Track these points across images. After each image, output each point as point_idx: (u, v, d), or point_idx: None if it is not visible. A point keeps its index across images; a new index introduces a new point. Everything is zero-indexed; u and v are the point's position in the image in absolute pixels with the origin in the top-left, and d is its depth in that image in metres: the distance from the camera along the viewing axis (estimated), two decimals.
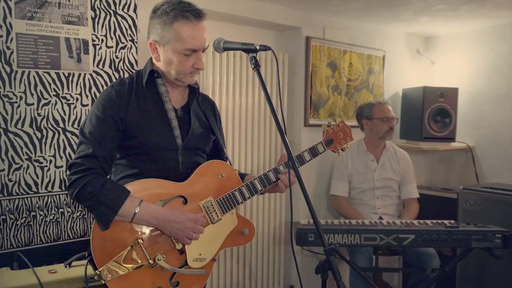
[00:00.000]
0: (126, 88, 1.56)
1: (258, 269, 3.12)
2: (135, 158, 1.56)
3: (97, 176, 1.43)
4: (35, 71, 2.07)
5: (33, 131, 2.08)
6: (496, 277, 2.84)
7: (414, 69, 3.90)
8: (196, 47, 1.51)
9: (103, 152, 1.47)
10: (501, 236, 2.41)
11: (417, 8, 3.04)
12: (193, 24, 1.50)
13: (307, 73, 3.17)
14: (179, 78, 1.55)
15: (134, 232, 1.47)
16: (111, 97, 1.52)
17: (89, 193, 1.40)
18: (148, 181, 1.52)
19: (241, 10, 2.83)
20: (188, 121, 1.64)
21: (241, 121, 2.95)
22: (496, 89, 3.49)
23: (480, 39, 3.57)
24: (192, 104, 1.66)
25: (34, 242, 2.09)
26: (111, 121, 1.49)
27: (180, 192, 1.56)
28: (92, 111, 1.53)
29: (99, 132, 1.47)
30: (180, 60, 1.51)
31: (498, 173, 3.46)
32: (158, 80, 1.59)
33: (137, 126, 1.53)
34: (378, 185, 3.03)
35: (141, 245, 1.46)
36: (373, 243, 2.42)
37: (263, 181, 1.67)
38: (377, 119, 3.02)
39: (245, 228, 1.67)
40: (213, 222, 1.58)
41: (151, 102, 1.58)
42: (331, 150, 1.89)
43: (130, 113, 1.52)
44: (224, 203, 1.60)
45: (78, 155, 1.46)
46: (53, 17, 2.11)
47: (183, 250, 1.52)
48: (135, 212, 1.43)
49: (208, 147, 1.73)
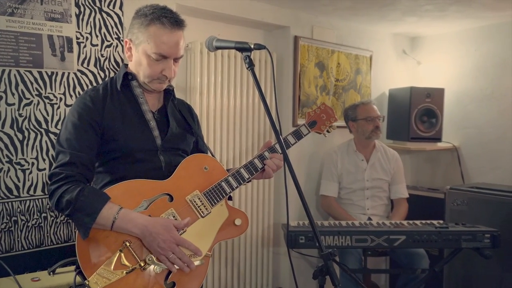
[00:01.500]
0: (100, 94, 1.54)
1: (247, 271, 3.07)
2: (115, 163, 1.52)
3: (75, 183, 1.39)
4: (16, 70, 1.98)
5: (14, 133, 1.99)
6: (483, 276, 2.86)
7: (400, 69, 3.91)
8: (166, 53, 1.49)
9: (82, 158, 1.43)
10: (490, 236, 2.41)
11: (406, 8, 3.04)
12: (168, 31, 1.48)
13: (296, 73, 3.14)
14: (146, 82, 1.53)
15: (120, 235, 1.40)
16: (86, 103, 1.49)
17: (67, 201, 1.36)
18: (130, 182, 1.46)
19: (229, 8, 2.78)
20: (165, 123, 1.62)
21: (229, 121, 2.90)
22: (481, 90, 3.52)
23: (466, 40, 3.60)
24: (168, 106, 1.64)
25: (16, 248, 2.00)
26: (87, 126, 1.46)
27: (164, 189, 1.50)
28: (68, 119, 1.49)
29: (75, 138, 1.44)
30: (149, 63, 1.49)
31: (483, 173, 3.50)
32: (132, 82, 1.57)
33: (115, 129, 1.50)
34: (368, 185, 3.02)
35: (129, 247, 1.39)
36: (364, 245, 2.40)
37: (249, 168, 1.63)
38: (362, 119, 3.01)
39: (238, 219, 1.61)
40: (203, 216, 1.53)
41: (127, 105, 1.56)
42: (316, 132, 1.88)
43: (107, 117, 1.50)
44: (212, 195, 1.56)
45: (56, 165, 1.43)
46: (35, 13, 2.02)
47: None
48: (114, 220, 1.37)
49: (189, 148, 1.70)
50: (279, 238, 3.23)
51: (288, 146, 1.74)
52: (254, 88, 3.02)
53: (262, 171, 1.66)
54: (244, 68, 2.95)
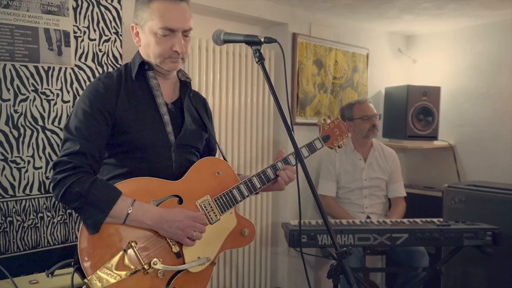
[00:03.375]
0: (114, 81, 1.45)
1: (245, 271, 3.03)
2: (124, 156, 1.45)
3: (85, 175, 1.32)
4: (11, 64, 1.90)
5: (9, 130, 1.91)
6: (480, 274, 2.87)
7: (396, 67, 3.91)
8: (173, 26, 1.41)
9: (91, 149, 1.36)
10: (491, 233, 2.42)
11: (404, 6, 3.03)
12: (172, 3, 1.42)
13: (294, 70, 3.11)
14: (158, 63, 1.46)
15: (126, 234, 1.35)
16: (99, 89, 1.41)
17: (77, 193, 1.28)
18: (140, 180, 1.41)
19: (227, 4, 2.73)
20: (180, 117, 1.55)
21: (227, 118, 2.85)
22: (476, 88, 3.54)
23: (461, 38, 3.61)
24: (184, 100, 1.57)
25: (11, 250, 1.92)
26: (99, 115, 1.38)
27: (174, 191, 1.45)
28: (78, 105, 1.41)
29: (86, 127, 1.36)
30: (157, 41, 1.42)
31: (479, 171, 3.51)
32: (149, 72, 1.50)
33: (127, 121, 1.42)
34: (366, 184, 3.01)
35: (134, 249, 1.34)
36: (366, 243, 2.38)
37: (262, 178, 1.60)
38: (358, 118, 3.00)
39: (245, 229, 1.58)
40: (211, 223, 1.48)
41: (142, 96, 1.48)
42: (329, 147, 1.87)
43: (120, 107, 1.42)
44: (222, 201, 1.52)
45: (63, 153, 1.34)
46: (31, 6, 1.94)
47: (180, 253, 1.42)
48: (128, 212, 1.32)
49: (201, 145, 1.64)
50: (277, 237, 3.19)
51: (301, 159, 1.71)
52: (254, 85, 2.97)
53: (273, 182, 1.63)
54: (244, 65, 2.90)
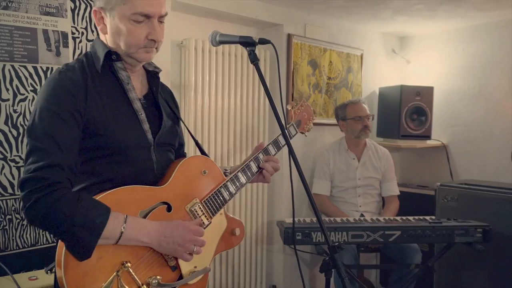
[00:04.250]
0: (79, 75, 1.24)
1: (241, 269, 3.07)
2: (99, 162, 1.25)
3: (66, 192, 1.11)
4: (11, 65, 1.94)
5: (8, 129, 1.95)
6: (472, 270, 2.92)
7: (390, 68, 3.96)
8: (149, 11, 1.24)
9: (67, 159, 1.15)
10: (482, 230, 2.47)
11: (397, 7, 3.08)
12: None
13: (289, 70, 3.15)
14: (130, 53, 1.27)
15: (118, 254, 1.19)
16: (65, 86, 1.20)
17: (61, 215, 1.08)
18: (123, 190, 1.23)
19: (223, 5, 2.77)
20: (154, 113, 1.39)
21: (223, 118, 2.90)
22: (468, 88, 3.59)
23: (454, 39, 3.66)
24: (157, 92, 1.41)
25: (10, 247, 1.96)
26: (69, 117, 1.17)
27: (161, 197, 1.31)
28: (42, 106, 1.17)
29: (57, 133, 1.15)
30: (129, 28, 1.23)
31: (471, 170, 3.56)
32: (117, 63, 1.30)
33: (99, 122, 1.23)
34: (360, 183, 3.05)
35: (129, 269, 1.19)
36: (360, 240, 2.42)
37: (246, 172, 1.54)
38: (351, 119, 3.05)
39: (236, 228, 1.53)
40: (204, 227, 1.39)
41: (111, 91, 1.28)
42: (300, 132, 1.82)
43: (90, 107, 1.21)
44: (212, 203, 1.43)
45: (34, 167, 1.10)
46: (29, 7, 1.98)
47: (176, 265, 1.32)
48: (122, 231, 1.15)
49: (177, 142, 1.51)
50: (272, 235, 3.24)
51: (279, 147, 1.66)
52: (249, 85, 3.02)
53: (258, 175, 1.58)
54: (239, 66, 2.95)
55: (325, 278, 1.41)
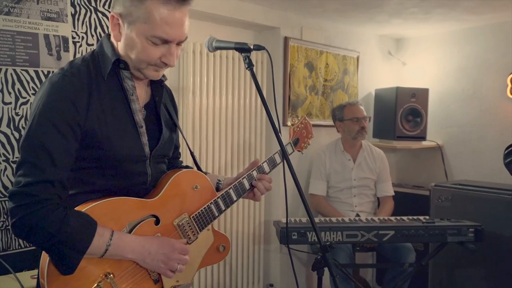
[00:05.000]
0: (84, 80, 1.19)
1: (238, 268, 3.12)
2: (93, 171, 1.24)
3: (53, 209, 1.10)
4: (13, 69, 1.99)
5: (10, 131, 2.00)
6: (466, 269, 2.97)
7: (386, 70, 4.02)
8: (170, 37, 1.20)
9: (59, 175, 1.13)
10: (474, 230, 2.52)
11: (392, 10, 3.13)
12: (172, 7, 1.18)
13: (286, 73, 3.20)
14: (139, 67, 1.24)
15: (101, 265, 1.20)
16: (67, 93, 1.15)
17: (46, 233, 1.08)
18: (113, 201, 1.23)
19: (220, 9, 2.82)
20: (155, 124, 1.37)
21: (221, 121, 2.95)
22: (463, 90, 3.65)
23: (449, 42, 3.72)
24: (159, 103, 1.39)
25: (13, 247, 2.01)
26: (68, 129, 1.14)
27: (150, 211, 1.31)
28: (40, 113, 1.13)
29: (52, 145, 1.12)
30: (145, 46, 1.19)
31: (465, 170, 3.62)
32: (124, 72, 1.27)
33: (99, 135, 1.20)
34: (355, 184, 3.11)
35: (110, 280, 1.21)
36: (354, 240, 2.48)
37: (238, 190, 1.52)
38: (348, 120, 3.10)
39: (222, 244, 1.52)
40: (189, 242, 1.39)
41: (114, 100, 1.25)
42: (297, 150, 1.84)
43: (91, 118, 1.18)
44: (201, 219, 1.42)
45: (24, 181, 1.08)
46: (31, 13, 2.03)
47: (159, 279, 1.33)
48: (107, 248, 1.16)
49: (171, 152, 1.50)
50: (269, 235, 3.29)
51: (274, 165, 1.66)
52: (247, 88, 3.07)
53: (249, 192, 1.56)
54: (237, 69, 3.00)
55: (317, 276, 1.46)
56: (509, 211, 2.74)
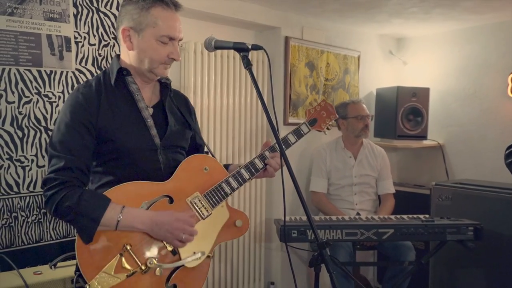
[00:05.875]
0: (93, 91, 1.47)
1: (239, 266, 3.14)
2: (113, 163, 1.48)
3: (72, 189, 1.36)
4: (16, 69, 2.02)
5: (14, 130, 2.03)
6: (466, 268, 2.98)
7: (387, 69, 4.03)
8: (174, 35, 1.48)
9: (77, 163, 1.39)
10: (473, 229, 2.52)
11: (392, 11, 3.15)
12: (171, 12, 1.49)
13: (286, 72, 3.22)
14: (152, 68, 1.49)
15: (121, 238, 1.39)
16: (79, 101, 1.43)
17: (67, 207, 1.33)
18: (128, 185, 1.43)
19: (221, 9, 2.84)
20: (163, 119, 1.57)
21: (222, 120, 2.97)
22: (464, 89, 3.65)
23: (449, 41, 3.72)
24: (165, 101, 1.60)
25: (16, 243, 2.04)
26: (81, 127, 1.41)
27: (164, 191, 1.48)
28: (60, 120, 1.43)
29: (70, 141, 1.39)
30: (156, 47, 1.46)
31: (466, 169, 3.62)
32: (127, 78, 1.52)
33: (110, 129, 1.45)
34: (356, 181, 3.12)
35: (130, 251, 1.39)
36: (354, 238, 2.49)
37: (250, 169, 1.62)
38: (352, 118, 3.11)
39: (238, 220, 1.60)
40: (203, 218, 1.52)
41: (123, 103, 1.50)
42: (317, 130, 1.86)
43: (102, 117, 1.44)
44: (212, 196, 1.54)
45: (50, 170, 1.38)
46: (34, 13, 2.06)
47: (176, 250, 1.46)
48: (118, 220, 1.36)
49: (187, 144, 1.67)
50: (270, 233, 3.31)
51: (289, 145, 1.74)
52: (247, 87, 3.09)
53: (263, 171, 1.65)
54: (238, 68, 3.02)
55: (314, 272, 1.48)
56: (509, 210, 2.75)
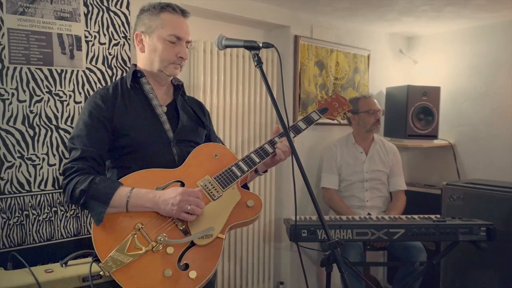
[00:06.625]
0: (110, 92, 1.61)
1: (249, 266, 3.14)
2: (129, 158, 1.58)
3: (85, 175, 1.46)
4: (27, 68, 2.03)
5: (25, 129, 2.04)
6: (478, 268, 2.95)
7: (397, 68, 4.00)
8: (181, 35, 1.60)
9: (92, 153, 1.50)
10: (485, 229, 2.49)
11: (402, 9, 3.12)
12: (178, 16, 1.63)
13: (296, 71, 3.21)
14: (162, 67, 1.60)
15: (133, 219, 1.46)
16: (96, 101, 1.57)
17: (80, 191, 1.43)
18: (141, 172, 1.52)
19: (231, 8, 2.84)
20: (176, 116, 1.68)
21: (231, 119, 2.96)
22: (475, 88, 3.61)
23: (460, 40, 3.69)
24: (178, 100, 1.72)
25: (27, 241, 2.05)
26: (97, 122, 1.53)
27: (176, 177, 1.55)
28: (79, 118, 1.58)
29: (85, 134, 1.52)
30: (165, 47, 1.58)
31: (478, 169, 3.58)
32: (142, 79, 1.65)
33: (126, 125, 1.56)
34: (367, 177, 3.08)
35: (142, 231, 1.44)
36: (364, 238, 2.47)
37: (260, 153, 1.66)
38: (363, 112, 3.08)
39: (250, 200, 1.60)
40: (214, 199, 1.55)
41: (138, 101, 1.62)
42: (329, 118, 1.90)
43: (117, 114, 1.56)
44: (223, 178, 1.58)
45: (68, 160, 1.51)
46: (45, 13, 2.07)
47: (187, 230, 1.48)
48: (127, 200, 1.43)
49: (201, 140, 1.74)
50: (280, 233, 3.29)
51: (299, 131, 1.77)
52: (257, 86, 3.08)
53: (273, 156, 1.68)
54: (247, 67, 3.01)
55: (326, 272, 1.46)
56: None
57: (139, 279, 1.39)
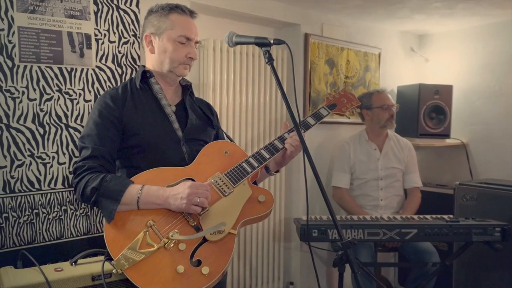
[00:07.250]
0: (120, 92, 1.62)
1: (258, 266, 3.11)
2: (139, 157, 1.58)
3: (96, 173, 1.46)
4: (38, 66, 2.03)
5: (35, 127, 2.04)
6: (492, 270, 2.89)
7: (408, 66, 3.95)
8: (191, 35, 1.62)
9: (102, 151, 1.51)
10: (500, 229, 2.44)
11: (414, 6, 3.08)
12: (187, 16, 1.65)
13: (306, 70, 3.18)
14: (172, 68, 1.62)
15: (144, 217, 1.46)
16: (106, 101, 1.58)
17: (91, 189, 1.43)
18: (152, 171, 1.53)
19: (240, 6, 2.82)
20: (185, 116, 1.69)
21: (241, 117, 2.95)
22: (488, 86, 3.56)
23: (473, 37, 3.63)
24: (186, 100, 1.73)
25: (37, 240, 2.05)
26: (107, 122, 1.54)
27: (186, 174, 1.55)
28: (90, 117, 1.59)
29: (96, 133, 1.52)
30: (174, 47, 1.60)
31: (491, 169, 3.53)
32: (151, 79, 1.66)
33: (135, 124, 1.57)
34: (382, 174, 3.02)
35: (153, 228, 1.44)
36: (376, 238, 2.43)
37: (270, 149, 1.66)
38: (377, 107, 3.01)
39: (261, 195, 1.59)
40: (225, 195, 1.54)
41: (147, 101, 1.63)
42: (337, 113, 1.90)
43: (127, 113, 1.57)
44: (233, 175, 1.58)
45: (79, 159, 1.52)
46: (55, 11, 2.07)
47: (199, 226, 1.48)
48: (138, 197, 1.43)
49: (210, 139, 1.74)
50: (290, 232, 3.27)
51: (308, 126, 1.76)
52: (267, 84, 3.06)
53: (284, 153, 1.67)
54: (257, 65, 2.99)
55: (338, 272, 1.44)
56: None
57: (152, 276, 1.38)
